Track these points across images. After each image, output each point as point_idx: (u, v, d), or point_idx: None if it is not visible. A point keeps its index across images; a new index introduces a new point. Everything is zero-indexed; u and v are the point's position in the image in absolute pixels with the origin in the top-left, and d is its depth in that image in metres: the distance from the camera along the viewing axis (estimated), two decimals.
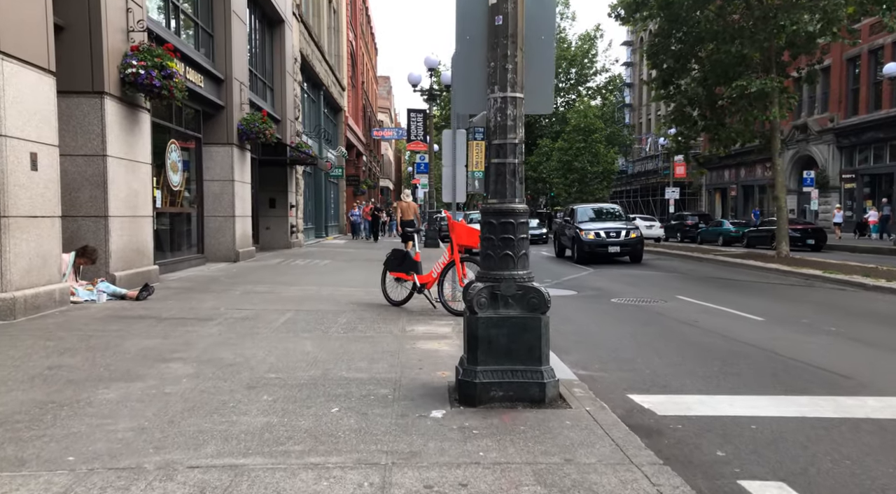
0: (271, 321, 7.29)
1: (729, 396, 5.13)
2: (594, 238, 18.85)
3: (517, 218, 4.29)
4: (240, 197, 15.59)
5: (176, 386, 4.51)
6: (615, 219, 20.68)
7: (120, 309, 7.94)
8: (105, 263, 9.09)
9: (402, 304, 8.59)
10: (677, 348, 7.08)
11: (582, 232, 19.15)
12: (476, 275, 4.43)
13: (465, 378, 4.19)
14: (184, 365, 5.16)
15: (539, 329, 4.21)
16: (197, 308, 8.14)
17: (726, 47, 18.28)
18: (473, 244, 7.86)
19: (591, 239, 18.83)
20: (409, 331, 6.80)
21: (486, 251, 4.32)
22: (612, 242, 18.90)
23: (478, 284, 4.27)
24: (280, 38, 20.87)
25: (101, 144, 9.04)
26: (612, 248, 18.85)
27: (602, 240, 18.86)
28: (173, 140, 12.95)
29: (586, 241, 18.88)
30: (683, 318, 9.18)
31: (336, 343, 6.13)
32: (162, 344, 5.94)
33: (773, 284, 13.72)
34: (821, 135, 35.93)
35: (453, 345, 6.09)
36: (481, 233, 4.39)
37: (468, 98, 4.61)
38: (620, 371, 6.05)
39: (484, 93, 4.46)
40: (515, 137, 4.31)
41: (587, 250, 18.82)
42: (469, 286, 4.35)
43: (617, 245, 18.89)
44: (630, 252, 19.26)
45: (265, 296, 9.34)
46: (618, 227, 19.34)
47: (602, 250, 18.76)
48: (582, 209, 21.48)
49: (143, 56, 9.45)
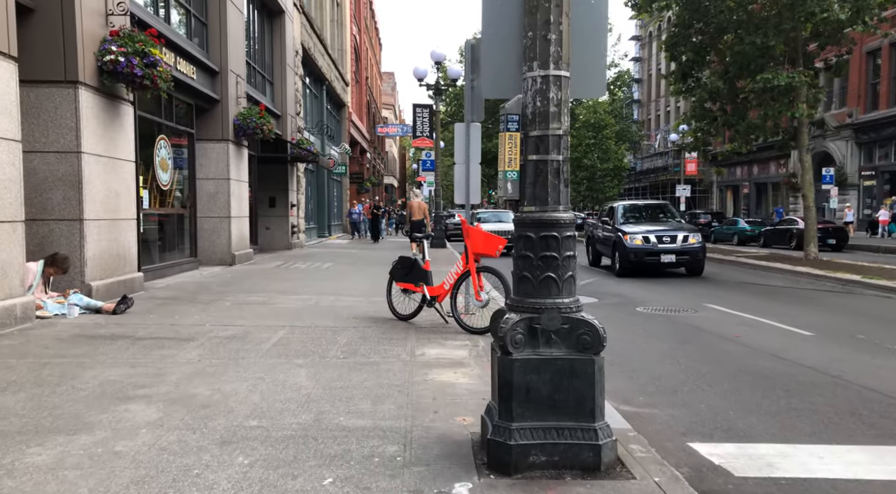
0: (261, 341, 6.37)
1: (814, 446, 4.18)
2: (642, 244, 14.96)
3: (562, 230, 3.35)
4: (236, 196, 14.68)
5: (130, 442, 3.58)
6: (666, 219, 16.76)
7: (92, 325, 7.03)
8: (80, 272, 8.19)
9: (410, 319, 7.66)
10: (728, 373, 6.13)
11: (626, 236, 15.14)
12: (507, 303, 3.49)
13: (497, 437, 3.26)
14: (147, 406, 4.23)
15: (592, 374, 3.28)
16: (179, 324, 7.22)
17: (750, 38, 17.28)
18: (491, 252, 6.94)
19: (637, 245, 14.96)
20: (419, 355, 5.87)
21: (522, 273, 3.39)
22: (665, 249, 14.88)
23: (511, 316, 3.33)
24: (280, 30, 19.93)
25: (74, 140, 8.13)
26: (666, 257, 14.85)
27: (652, 246, 14.91)
28: (162, 136, 12.04)
29: (632, 248, 14.96)
30: (722, 333, 8.23)
31: (334, 372, 5.20)
32: (128, 375, 5.01)
33: (807, 290, 12.74)
34: (839, 131, 34.84)
35: (472, 376, 5.16)
36: (515, 250, 3.45)
37: (498, 78, 3.65)
38: (671, 406, 5.12)
39: (518, 72, 3.53)
40: (559, 127, 3.37)
41: (633, 259, 14.94)
42: (500, 318, 3.42)
43: (672, 253, 14.87)
44: (688, 262, 15.21)
45: (258, 309, 8.41)
46: (671, 230, 15.26)
47: (652, 259, 14.87)
48: (624, 207, 17.53)
49: (123, 42, 8.54)
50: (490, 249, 6.93)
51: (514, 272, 3.45)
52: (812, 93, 17.66)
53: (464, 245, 7.19)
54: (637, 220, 16.42)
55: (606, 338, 3.32)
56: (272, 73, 19.84)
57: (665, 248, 14.91)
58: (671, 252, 14.91)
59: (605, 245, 16.64)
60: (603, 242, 16.93)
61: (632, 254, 14.95)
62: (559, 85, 3.35)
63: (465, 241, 7.12)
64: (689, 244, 15.05)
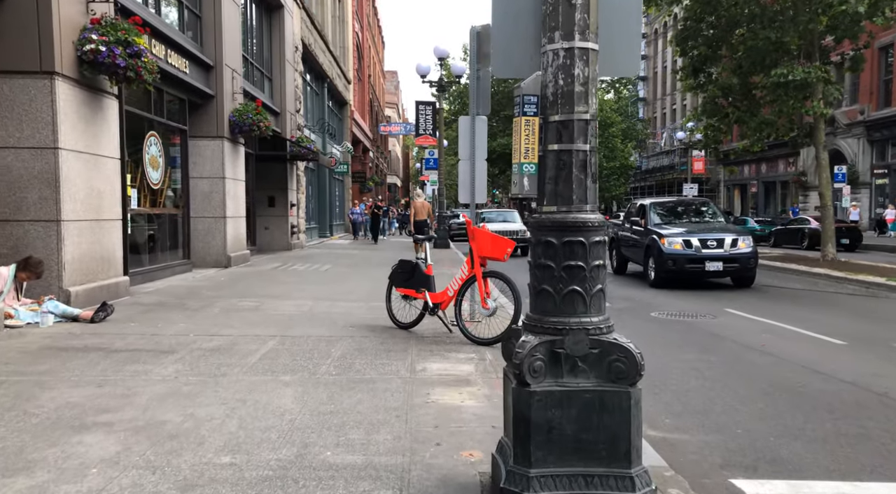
0: (247, 354, 5.80)
1: (880, 484, 3.60)
2: (682, 249, 12.50)
3: (590, 234, 2.78)
4: (232, 195, 14.13)
5: (74, 487, 3.02)
6: (708, 219, 14.38)
7: (65, 335, 6.47)
8: (57, 277, 7.64)
9: (410, 327, 7.09)
10: (760, 390, 5.55)
11: (663, 239, 12.74)
12: (524, 322, 2.92)
13: (512, 487, 2.69)
14: (106, 437, 3.68)
15: (627, 410, 2.71)
16: (160, 333, 6.66)
17: (764, 32, 16.66)
18: (499, 256, 6.36)
19: (677, 250, 12.52)
20: (419, 371, 5.29)
21: (542, 286, 2.81)
22: (710, 255, 12.43)
23: (529, 338, 2.76)
24: (279, 25, 19.37)
25: (51, 135, 7.58)
26: (712, 265, 12.40)
27: (695, 252, 12.44)
28: (153, 132, 11.48)
29: (671, 254, 12.54)
30: (747, 341, 7.64)
31: (325, 392, 4.63)
32: (93, 396, 4.45)
33: (829, 294, 12.13)
34: (850, 129, 34.13)
35: (479, 396, 4.59)
36: (532, 258, 2.89)
37: (511, 53, 3.07)
38: (703, 429, 4.54)
39: (535, 45, 2.96)
40: (586, 110, 2.80)
41: (671, 267, 12.59)
42: (514, 339, 2.86)
43: (718, 260, 12.39)
44: (737, 271, 12.74)
45: (248, 316, 7.85)
46: (717, 233, 12.82)
47: (695, 268, 12.49)
48: (657, 205, 14.93)
49: (105, 31, 7.98)
50: (498, 252, 6.35)
51: (532, 284, 2.88)
52: (828, 89, 17.03)
53: (469, 247, 6.62)
54: (674, 220, 14.14)
55: (644, 366, 2.74)
56: (271, 69, 19.29)
57: (710, 254, 12.45)
58: (718, 258, 12.42)
59: (635, 249, 14.27)
60: (631, 246, 14.62)
61: (670, 261, 12.54)
62: (586, 59, 2.78)
63: (471, 244, 6.55)
64: (739, 250, 12.60)
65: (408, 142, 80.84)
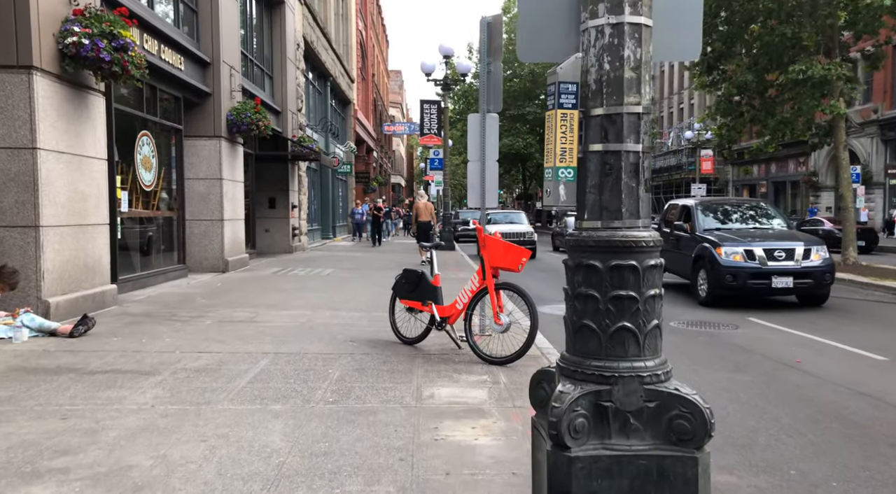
0: (236, 375, 5.25)
1: None
2: (743, 261, 10.29)
3: (643, 257, 2.22)
4: (229, 197, 13.59)
5: None
6: (768, 223, 12.12)
7: (39, 353, 5.93)
8: (35, 287, 7.09)
9: (415, 342, 6.53)
10: (807, 417, 4.97)
11: (719, 249, 10.52)
12: (559, 365, 2.35)
13: None
14: (58, 489, 3.12)
15: (693, 480, 2.14)
16: (144, 350, 6.12)
17: (780, 28, 16.05)
18: (513, 266, 5.81)
19: (737, 262, 10.30)
20: (426, 398, 4.73)
21: (582, 321, 2.25)
22: (778, 269, 10.21)
23: (567, 388, 2.20)
24: (280, 21, 18.83)
25: (29, 134, 7.04)
26: (781, 281, 10.17)
27: (759, 265, 10.24)
28: (145, 131, 10.94)
29: (729, 267, 10.31)
30: (778, 356, 7.07)
31: (319, 426, 4.08)
32: (53, 432, 3.90)
33: (856, 301, 11.52)
34: (863, 128, 33.44)
35: (495, 432, 4.02)
36: (570, 286, 2.32)
37: (541, 31, 2.50)
38: (750, 470, 3.97)
39: (573, 21, 2.39)
40: (638, 102, 2.24)
41: (730, 282, 10.29)
42: (545, 384, 2.30)
43: (788, 274, 10.18)
44: (811, 289, 10.47)
45: (241, 329, 7.30)
46: (786, 242, 10.58)
47: (759, 284, 10.22)
48: (705, 206, 12.47)
49: (88, 22, 7.44)
50: (512, 263, 5.79)
51: (570, 319, 2.32)
52: (847, 87, 16.42)
53: (479, 257, 6.06)
54: (727, 225, 11.91)
55: (714, 424, 2.18)
56: (271, 67, 18.75)
57: (779, 268, 10.23)
58: (788, 273, 10.20)
59: (679, 258, 11.83)
60: (675, 255, 11.90)
61: (729, 276, 10.29)
62: (638, 37, 2.22)
63: (482, 253, 5.98)
64: (813, 262, 10.35)
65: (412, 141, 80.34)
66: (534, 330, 5.68)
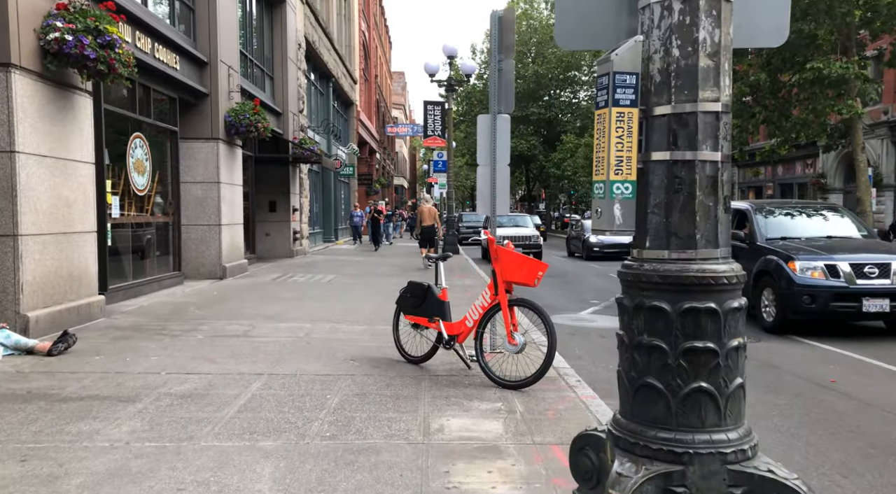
0: (225, 403, 4.76)
1: None
2: (825, 278, 8.31)
3: (723, 297, 1.72)
4: (227, 201, 13.10)
5: None
6: (845, 231, 9.94)
7: (12, 375, 5.44)
8: (13, 301, 6.61)
9: (421, 362, 6.03)
10: (860, 452, 4.46)
11: (792, 263, 8.51)
12: (612, 432, 1.85)
13: None
14: None
15: None
16: (127, 371, 5.63)
17: (796, 24, 15.57)
18: (529, 281, 5.31)
19: (816, 280, 8.33)
20: (435, 432, 4.23)
21: (644, 379, 1.75)
22: (872, 289, 8.21)
23: (625, 467, 1.70)
24: (281, 21, 18.36)
25: (6, 136, 6.56)
26: (874, 304, 8.15)
27: (846, 283, 8.24)
28: (138, 133, 10.47)
29: (807, 287, 8.33)
30: (811, 375, 6.56)
31: (314, 469, 3.58)
32: (8, 479, 3.40)
33: None
34: (873, 129, 32.83)
35: (514, 477, 3.52)
36: (626, 333, 1.83)
37: (585, 11, 2.01)
38: None
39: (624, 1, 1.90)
40: (717, 98, 1.74)
41: (808, 305, 8.31)
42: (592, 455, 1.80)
43: (885, 296, 8.17)
44: None
45: (235, 345, 6.81)
46: (876, 255, 8.61)
47: (847, 307, 8.24)
48: (766, 211, 10.21)
49: (72, 17, 6.97)
50: (528, 277, 5.30)
51: (626, 375, 1.82)
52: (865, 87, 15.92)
53: (492, 270, 5.56)
54: (797, 234, 9.68)
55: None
56: (272, 67, 18.28)
57: (871, 288, 8.20)
58: (884, 294, 8.17)
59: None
60: None
61: (807, 297, 8.30)
62: (716, 15, 1.72)
63: (494, 266, 5.49)
64: None
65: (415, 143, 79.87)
66: (552, 351, 5.19)
